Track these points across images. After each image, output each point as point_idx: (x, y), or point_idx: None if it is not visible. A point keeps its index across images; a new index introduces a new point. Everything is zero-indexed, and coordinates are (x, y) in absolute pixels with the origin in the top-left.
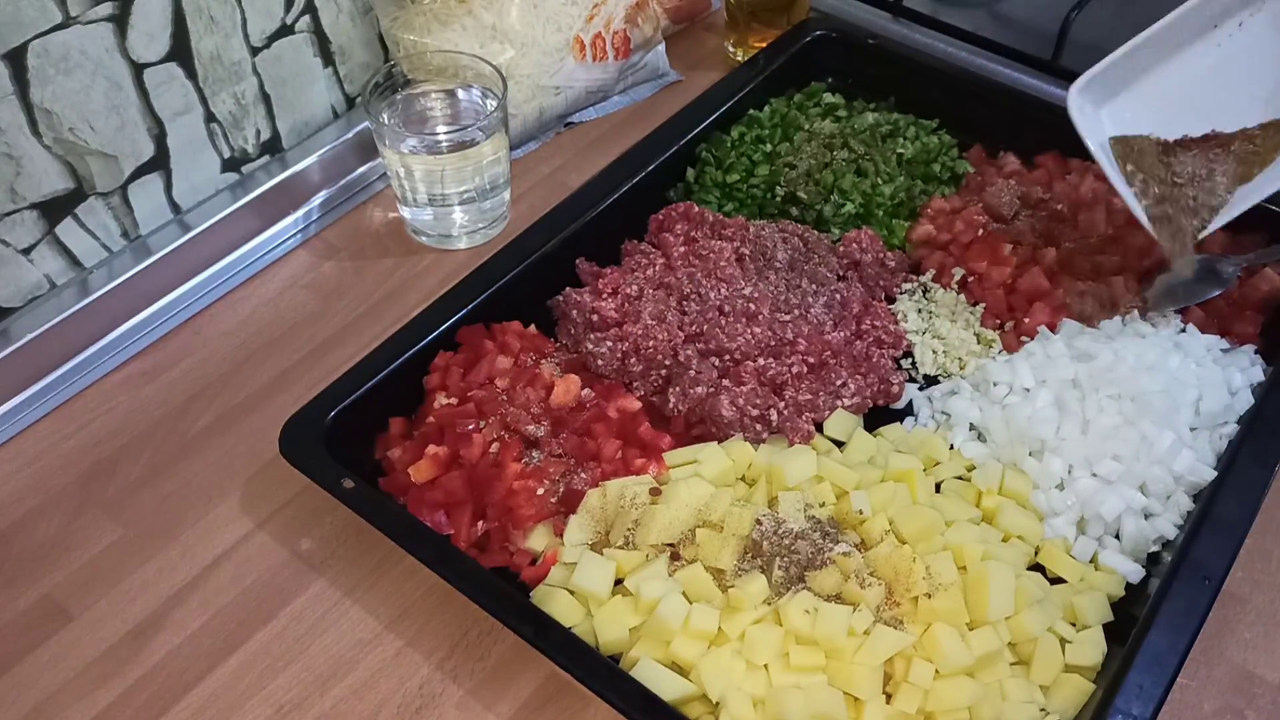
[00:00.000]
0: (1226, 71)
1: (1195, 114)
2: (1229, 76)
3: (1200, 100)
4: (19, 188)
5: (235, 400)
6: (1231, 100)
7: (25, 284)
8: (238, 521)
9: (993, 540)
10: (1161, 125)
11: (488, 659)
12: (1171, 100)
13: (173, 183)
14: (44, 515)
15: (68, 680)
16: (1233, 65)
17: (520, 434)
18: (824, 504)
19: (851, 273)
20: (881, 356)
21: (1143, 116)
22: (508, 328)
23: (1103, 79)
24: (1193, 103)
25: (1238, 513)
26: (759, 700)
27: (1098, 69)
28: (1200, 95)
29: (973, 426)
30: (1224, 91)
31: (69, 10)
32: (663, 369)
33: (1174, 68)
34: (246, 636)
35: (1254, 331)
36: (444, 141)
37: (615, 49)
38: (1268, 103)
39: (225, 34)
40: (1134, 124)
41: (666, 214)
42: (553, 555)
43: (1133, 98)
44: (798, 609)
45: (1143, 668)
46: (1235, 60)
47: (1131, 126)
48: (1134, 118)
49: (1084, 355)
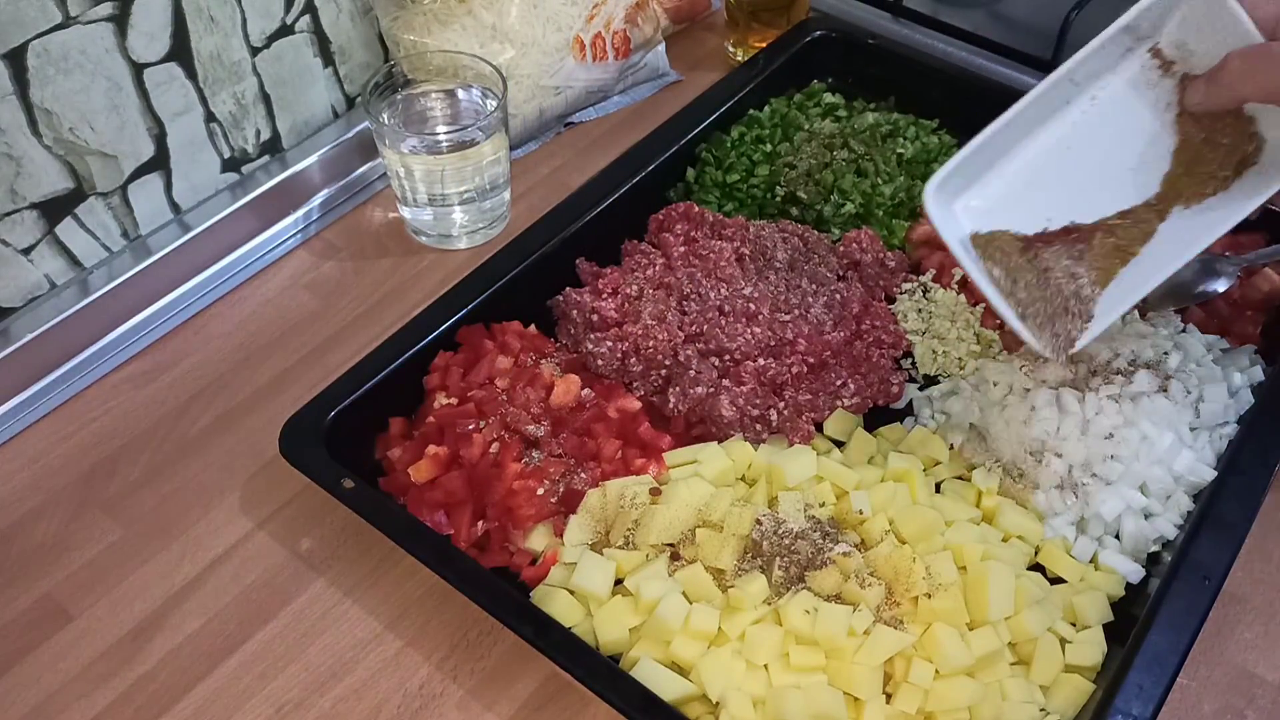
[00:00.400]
0: (1085, 151)
1: (1055, 203)
2: (1088, 156)
3: (1059, 187)
4: (19, 188)
5: (235, 400)
6: (1095, 183)
7: (25, 284)
8: (238, 521)
9: (993, 540)
10: (1020, 218)
11: (488, 659)
12: (1028, 190)
13: (173, 183)
14: (44, 515)
15: (68, 680)
16: (1091, 143)
17: (520, 434)
18: (824, 504)
19: (851, 273)
20: (881, 357)
21: (999, 209)
22: (508, 328)
23: (960, 171)
24: (1051, 190)
25: (1238, 513)
26: (759, 700)
27: (953, 163)
28: (1059, 181)
29: (973, 426)
30: (1085, 174)
31: (69, 10)
32: (663, 369)
33: (1028, 153)
34: (246, 636)
35: (1254, 331)
36: (444, 141)
37: (615, 49)
38: (1135, 182)
39: (225, 34)
40: (990, 218)
41: (666, 214)
42: (553, 555)
43: (987, 190)
44: (798, 609)
45: (1143, 668)
46: (1093, 136)
47: (988, 221)
48: (990, 211)
49: (1084, 355)
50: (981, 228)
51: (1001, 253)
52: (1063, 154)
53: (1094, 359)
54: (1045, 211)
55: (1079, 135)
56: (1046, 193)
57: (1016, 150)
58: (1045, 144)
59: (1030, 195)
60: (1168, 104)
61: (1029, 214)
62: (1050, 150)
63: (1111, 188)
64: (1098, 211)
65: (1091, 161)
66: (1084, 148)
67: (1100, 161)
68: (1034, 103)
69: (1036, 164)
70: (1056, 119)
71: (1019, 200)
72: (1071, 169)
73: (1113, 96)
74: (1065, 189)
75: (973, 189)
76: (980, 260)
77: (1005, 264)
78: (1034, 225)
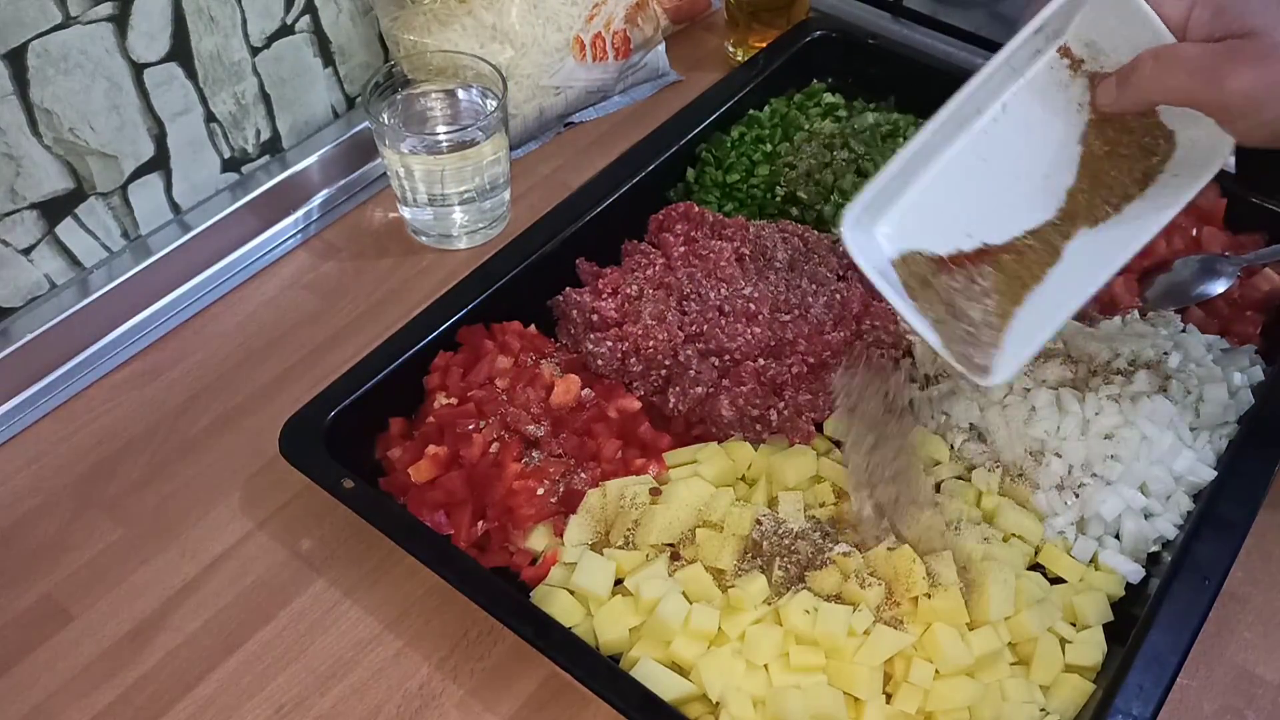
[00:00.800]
0: (998, 162)
1: (971, 220)
2: (1001, 168)
3: (974, 202)
4: (19, 188)
5: (235, 400)
6: (1009, 196)
7: (25, 284)
8: (238, 521)
9: (993, 540)
10: (935, 238)
11: (488, 659)
12: (943, 207)
13: (173, 183)
14: (44, 515)
15: (68, 680)
16: (1004, 153)
17: (520, 434)
18: (824, 504)
19: (851, 273)
20: (881, 356)
21: (915, 230)
22: (508, 328)
23: (880, 197)
24: (966, 207)
25: (1238, 513)
26: (759, 700)
27: (869, 190)
28: (974, 196)
29: (973, 427)
30: (999, 186)
31: (69, 10)
32: (663, 369)
33: (942, 168)
34: (246, 636)
35: (1254, 331)
36: (444, 141)
37: (615, 49)
38: (1047, 193)
39: (225, 34)
40: (906, 241)
41: (666, 214)
42: (553, 555)
43: (904, 212)
44: (798, 609)
45: (1143, 668)
46: (1006, 146)
47: (905, 244)
48: (907, 233)
49: (1084, 355)
50: (901, 250)
51: (918, 277)
52: (976, 167)
53: (1094, 359)
54: (963, 229)
55: (992, 146)
56: (962, 209)
57: (931, 167)
58: (958, 158)
59: (945, 213)
60: (1079, 105)
61: (945, 233)
62: (963, 164)
63: (1025, 201)
64: (1014, 227)
65: (1005, 173)
66: (997, 159)
67: (1013, 173)
68: (949, 117)
69: (950, 180)
70: (969, 130)
71: (935, 219)
72: (985, 182)
73: (1023, 101)
74: (979, 204)
75: (891, 212)
76: (901, 287)
77: (920, 289)
78: (949, 245)
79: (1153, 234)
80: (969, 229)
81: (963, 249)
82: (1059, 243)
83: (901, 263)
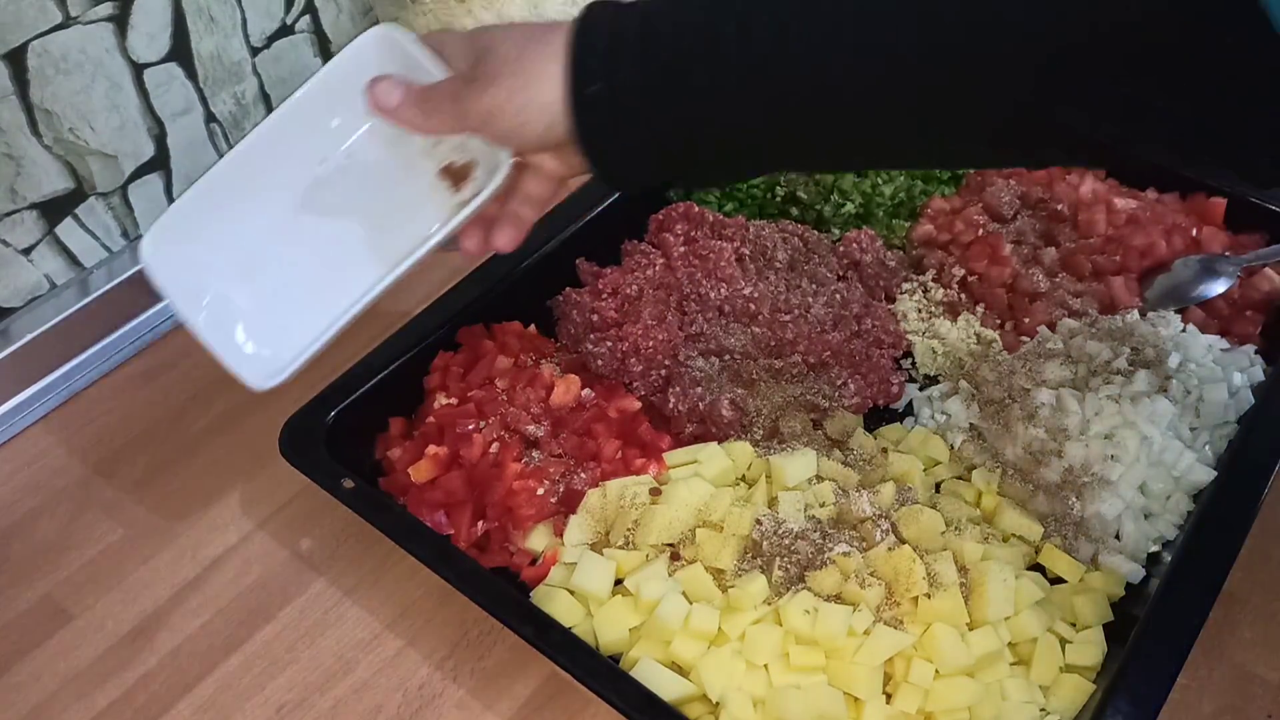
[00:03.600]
0: (264, 171)
1: (277, 270)
2: (267, 176)
3: (287, 253)
4: (19, 188)
5: (235, 400)
6: (332, 249)
7: (25, 284)
8: (238, 521)
9: (993, 540)
10: (236, 278)
11: (488, 659)
12: (252, 252)
13: (173, 183)
14: (44, 515)
15: (68, 680)
16: (266, 162)
17: (520, 434)
18: (824, 504)
19: (851, 273)
20: (881, 356)
21: (216, 266)
22: (508, 328)
23: (184, 223)
24: (248, 220)
25: (1238, 513)
26: (759, 700)
27: (169, 217)
28: (296, 247)
29: (973, 427)
30: (318, 241)
31: (69, 10)
32: (663, 369)
33: (258, 210)
34: (246, 636)
35: (1254, 331)
36: None
37: None
38: (378, 248)
39: (225, 34)
40: (209, 273)
41: (666, 214)
42: (553, 555)
43: (210, 248)
44: (798, 609)
45: (1143, 668)
46: (334, 198)
47: (193, 254)
48: (207, 267)
49: (1084, 355)
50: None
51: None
52: (295, 214)
53: (1094, 359)
54: (252, 243)
55: (255, 156)
56: (245, 222)
57: (247, 203)
58: (274, 203)
59: (256, 258)
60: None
61: (248, 275)
62: (235, 172)
63: (362, 254)
64: (355, 284)
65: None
66: (262, 168)
67: (347, 223)
68: (266, 146)
69: (267, 223)
70: (298, 173)
71: (243, 259)
72: (310, 232)
73: (372, 139)
74: (303, 254)
75: (199, 242)
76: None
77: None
78: (240, 258)
79: (441, 235)
80: (258, 240)
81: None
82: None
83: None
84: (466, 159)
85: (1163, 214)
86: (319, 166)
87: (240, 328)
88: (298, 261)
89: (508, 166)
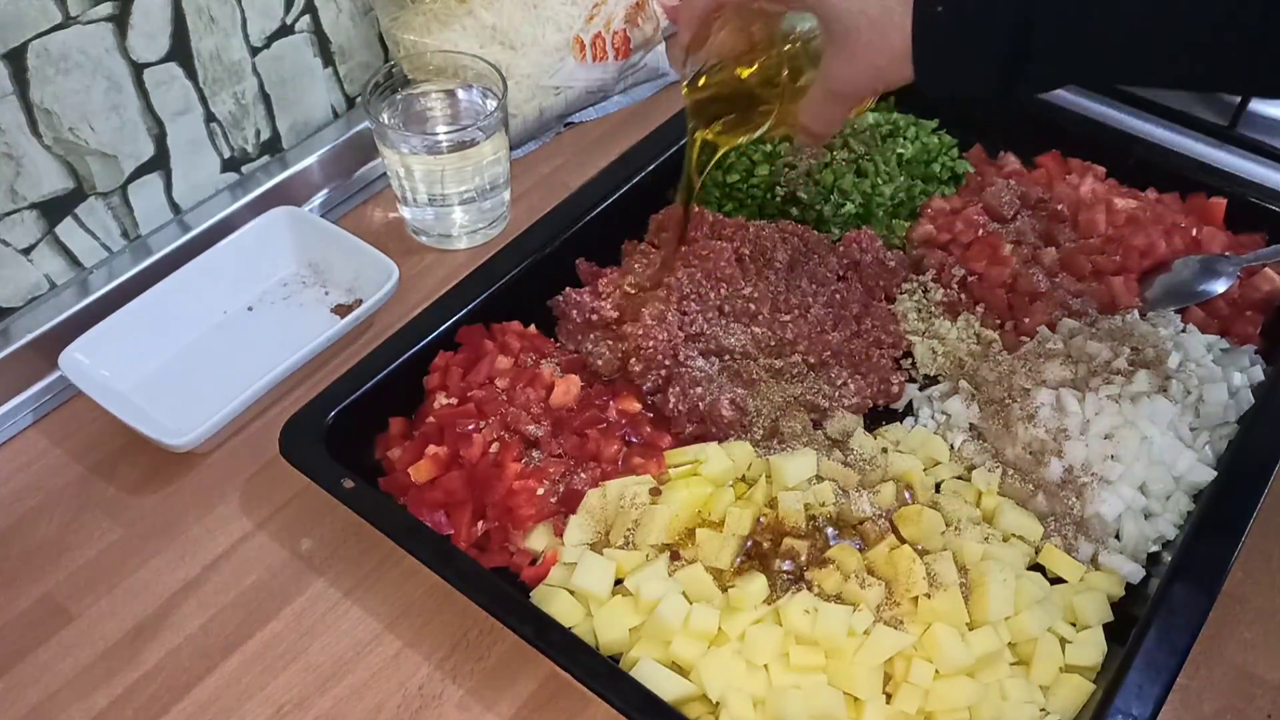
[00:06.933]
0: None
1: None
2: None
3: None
4: (19, 188)
5: None
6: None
7: (25, 284)
8: (238, 521)
9: (993, 540)
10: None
11: (488, 659)
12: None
13: (173, 183)
14: (44, 515)
15: (68, 680)
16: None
17: (520, 434)
18: (824, 504)
19: (851, 273)
20: (881, 356)
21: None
22: (508, 328)
23: (105, 340)
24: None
25: (1238, 513)
26: (759, 700)
27: (92, 335)
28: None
29: (973, 426)
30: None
31: (69, 10)
32: (663, 369)
33: (170, 339)
34: (246, 636)
35: (1254, 331)
36: (444, 141)
37: (615, 49)
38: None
39: (225, 34)
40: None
41: (666, 214)
42: (553, 555)
43: (127, 358)
44: (798, 609)
45: (1143, 668)
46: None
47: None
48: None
49: (1084, 355)
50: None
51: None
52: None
53: (1094, 359)
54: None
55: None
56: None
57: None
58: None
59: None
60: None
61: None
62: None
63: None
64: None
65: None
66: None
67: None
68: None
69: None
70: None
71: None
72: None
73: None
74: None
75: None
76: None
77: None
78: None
79: (333, 333)
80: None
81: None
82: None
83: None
84: (354, 298)
85: (1163, 214)
86: (221, 315)
87: (152, 409)
88: (205, 364)
89: (392, 285)
